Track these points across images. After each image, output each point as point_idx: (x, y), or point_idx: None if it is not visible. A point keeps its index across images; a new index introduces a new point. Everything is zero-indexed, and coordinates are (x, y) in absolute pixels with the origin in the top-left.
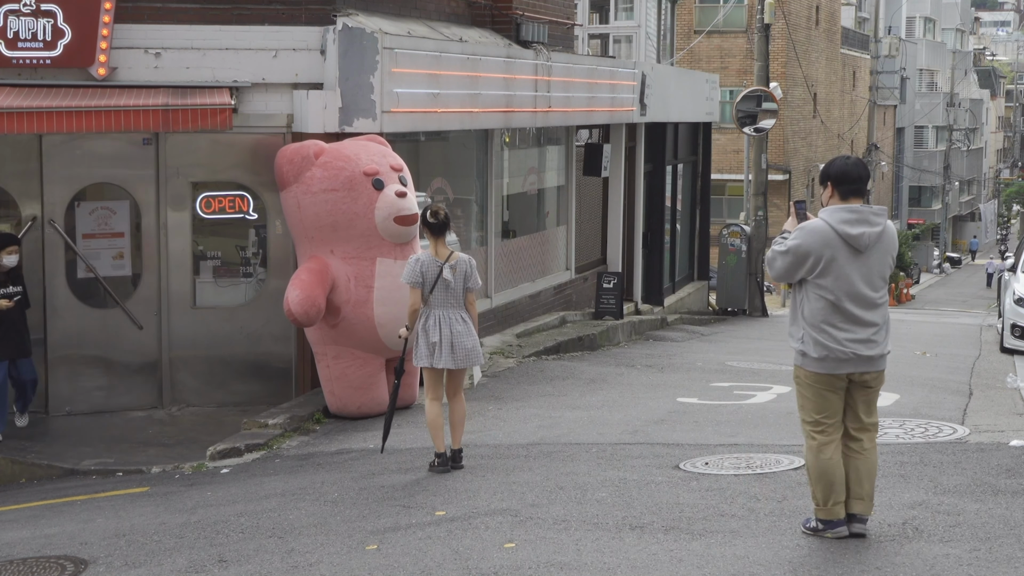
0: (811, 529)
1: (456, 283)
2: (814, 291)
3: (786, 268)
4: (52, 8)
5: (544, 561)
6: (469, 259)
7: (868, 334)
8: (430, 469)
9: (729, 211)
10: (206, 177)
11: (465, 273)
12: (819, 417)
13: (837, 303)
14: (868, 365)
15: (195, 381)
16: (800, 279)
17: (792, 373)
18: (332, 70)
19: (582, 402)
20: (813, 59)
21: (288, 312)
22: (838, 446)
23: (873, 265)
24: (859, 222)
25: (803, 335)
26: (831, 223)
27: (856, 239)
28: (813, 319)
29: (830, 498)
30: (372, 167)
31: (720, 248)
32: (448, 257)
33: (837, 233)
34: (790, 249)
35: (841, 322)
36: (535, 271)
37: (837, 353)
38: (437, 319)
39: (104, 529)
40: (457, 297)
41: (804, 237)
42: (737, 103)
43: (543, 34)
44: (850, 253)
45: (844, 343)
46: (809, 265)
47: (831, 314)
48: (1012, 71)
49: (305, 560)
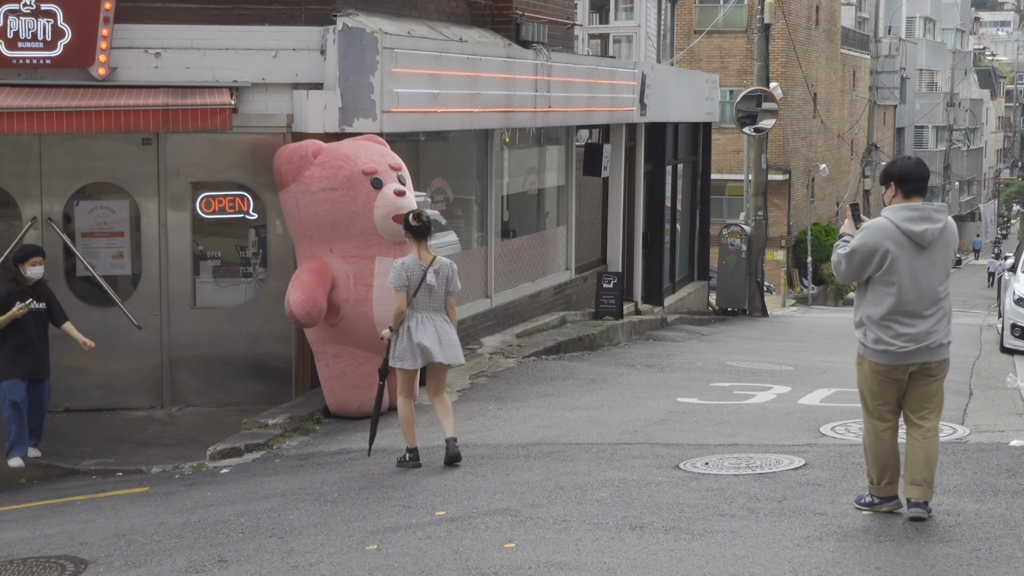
0: (866, 504)
1: (439, 287)
2: (879, 287)
3: (854, 268)
4: (52, 8)
5: (544, 561)
6: (451, 264)
7: (930, 326)
8: (399, 464)
9: (729, 211)
10: (206, 177)
11: (447, 277)
12: (878, 404)
13: (902, 298)
14: (931, 355)
15: (195, 381)
16: (867, 277)
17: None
18: (332, 70)
19: (582, 402)
20: (813, 59)
21: (289, 313)
22: (895, 431)
23: (936, 260)
24: (922, 219)
25: (866, 329)
26: (895, 221)
27: (920, 236)
28: (877, 314)
29: (884, 478)
30: (371, 166)
31: (720, 248)
32: (432, 262)
33: (901, 230)
34: (856, 249)
35: (905, 317)
36: (535, 271)
37: (900, 347)
38: (419, 321)
39: (104, 529)
40: (439, 301)
41: (869, 235)
42: (737, 103)
43: (543, 34)
44: (914, 249)
45: (906, 337)
46: (876, 262)
47: (895, 309)
48: (1012, 71)
49: (305, 560)
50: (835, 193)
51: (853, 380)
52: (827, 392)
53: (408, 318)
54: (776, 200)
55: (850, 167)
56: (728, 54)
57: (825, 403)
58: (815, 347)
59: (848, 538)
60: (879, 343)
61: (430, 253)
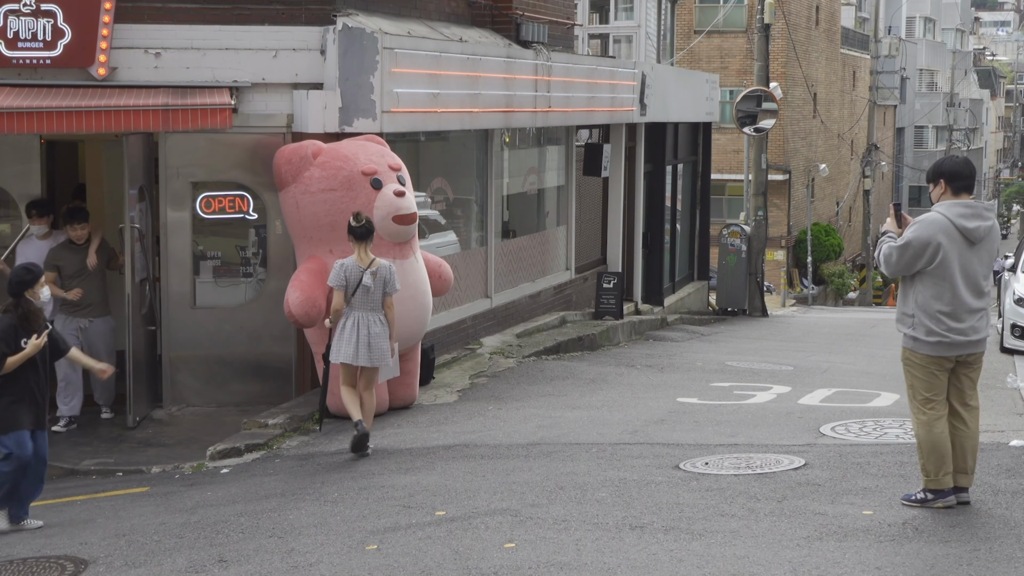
0: (918, 501)
1: (375, 288)
2: (930, 280)
3: (907, 261)
4: (52, 8)
5: (544, 561)
6: (389, 265)
7: (975, 320)
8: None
9: (729, 211)
10: (206, 177)
11: (384, 279)
12: (929, 395)
13: (953, 292)
14: (973, 348)
15: (195, 381)
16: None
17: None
18: (332, 70)
19: (582, 402)
20: (813, 59)
21: (289, 314)
22: (946, 421)
23: (983, 256)
24: (974, 216)
25: (915, 321)
26: (949, 216)
27: (972, 232)
28: (928, 307)
29: (941, 469)
30: (370, 166)
31: (720, 248)
32: (370, 264)
33: (955, 226)
34: (910, 242)
35: (954, 310)
36: (535, 271)
37: (948, 338)
38: (356, 320)
39: (104, 529)
40: (376, 301)
41: (923, 230)
42: (737, 103)
43: (543, 34)
44: (965, 245)
45: (955, 330)
46: (928, 256)
47: (945, 302)
48: (1012, 71)
49: (305, 560)
50: (835, 193)
51: (853, 380)
52: (827, 392)
53: (346, 316)
54: (776, 200)
55: (850, 167)
56: (728, 54)
57: (825, 403)
58: (815, 347)
59: (848, 538)
60: (931, 335)
61: (369, 255)
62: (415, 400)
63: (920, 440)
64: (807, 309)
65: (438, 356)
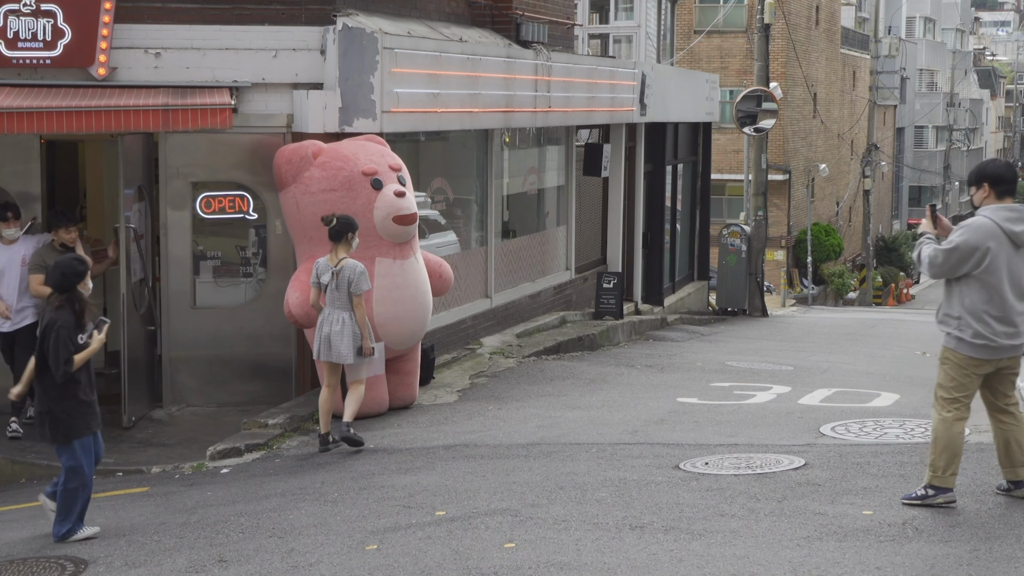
0: (918, 498)
1: (341, 287)
2: (977, 284)
3: (952, 264)
4: (52, 8)
5: (544, 561)
6: (355, 266)
7: (1019, 324)
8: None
9: (729, 211)
10: (206, 177)
11: (349, 279)
12: (958, 395)
13: (999, 294)
14: (1014, 351)
15: (195, 381)
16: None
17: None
18: (332, 70)
19: (582, 402)
20: (813, 59)
21: (288, 314)
22: (965, 424)
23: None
24: (1019, 220)
25: (961, 323)
26: (996, 220)
27: (1019, 236)
28: (975, 309)
29: (949, 468)
30: (370, 167)
31: (720, 248)
32: (338, 263)
33: (1003, 230)
34: (958, 246)
35: (1000, 312)
36: (535, 271)
37: (995, 342)
38: (325, 317)
39: (104, 529)
40: (343, 300)
41: (971, 233)
42: (737, 103)
43: (543, 34)
44: (1012, 248)
45: (1001, 333)
46: (975, 259)
47: (991, 305)
48: (1012, 71)
49: (305, 560)
50: (835, 193)
51: (852, 380)
52: (827, 392)
53: (321, 313)
54: (776, 200)
55: (850, 167)
56: (728, 54)
57: (825, 403)
58: (815, 347)
59: (848, 538)
60: (978, 337)
61: (339, 255)
62: (415, 400)
63: (937, 436)
64: (807, 309)
65: (438, 356)
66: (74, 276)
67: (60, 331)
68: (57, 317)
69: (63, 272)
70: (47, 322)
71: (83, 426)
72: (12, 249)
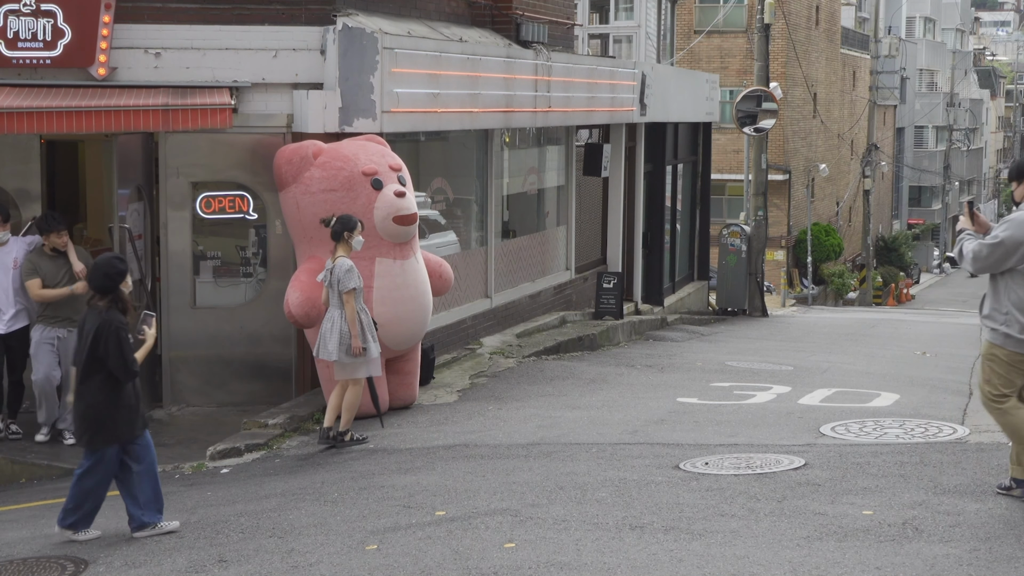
0: (1004, 488)
1: (333, 285)
2: (1022, 278)
3: (996, 258)
4: (52, 8)
5: (544, 561)
6: (343, 263)
7: None
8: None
9: (729, 211)
10: (206, 177)
11: (338, 278)
12: (1005, 391)
13: None
14: None
15: (195, 381)
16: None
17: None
18: (332, 70)
19: (582, 402)
20: (813, 59)
21: (288, 314)
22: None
23: None
24: None
25: (1009, 319)
26: None
27: None
28: (1022, 304)
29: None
30: (371, 167)
31: (720, 248)
32: (334, 262)
33: None
34: (1003, 241)
35: None
36: (535, 271)
37: None
38: (329, 314)
39: (104, 529)
40: (336, 298)
41: (1016, 228)
42: (737, 103)
43: (543, 34)
44: None
45: None
46: (1021, 253)
47: None
48: (1012, 71)
49: (305, 560)
50: (835, 193)
51: (852, 380)
52: (827, 392)
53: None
54: (776, 200)
55: (850, 167)
56: (728, 54)
57: (825, 403)
58: (815, 347)
59: (848, 538)
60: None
61: (335, 255)
62: (415, 400)
63: (1009, 430)
64: (807, 309)
65: (438, 356)
66: (117, 276)
67: (120, 331)
68: (111, 318)
69: (106, 272)
70: (100, 325)
71: (127, 430)
72: (3, 251)
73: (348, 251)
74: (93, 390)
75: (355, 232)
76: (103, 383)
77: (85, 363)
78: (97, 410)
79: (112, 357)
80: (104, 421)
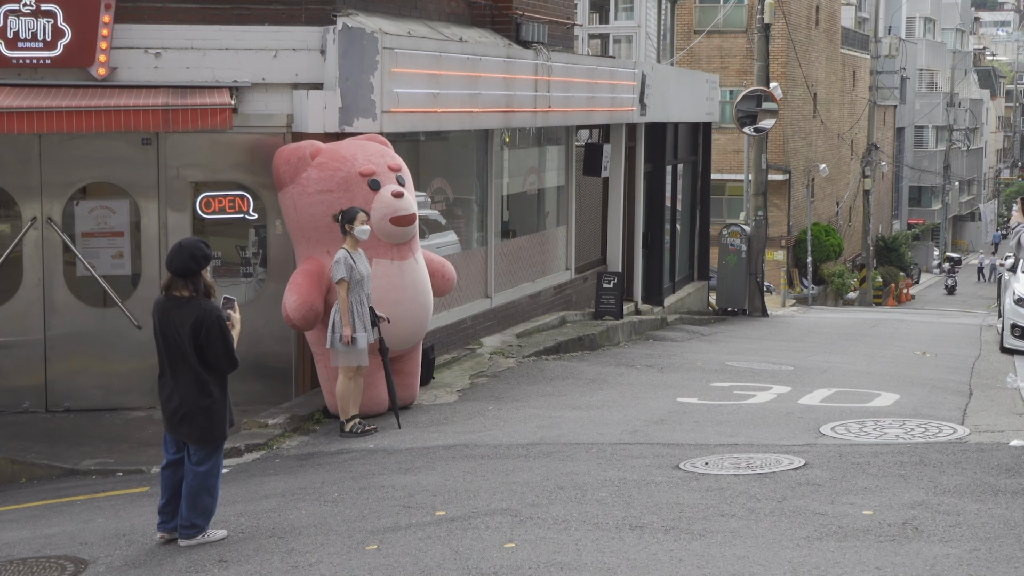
0: None
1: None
2: None
3: None
4: (52, 8)
5: (544, 561)
6: (336, 255)
7: None
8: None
9: (729, 211)
10: (206, 177)
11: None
12: None
13: None
14: None
15: None
16: None
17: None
18: (332, 70)
19: (582, 402)
20: (813, 59)
21: (286, 318)
22: None
23: None
24: None
25: None
26: None
27: None
28: None
29: None
30: (368, 167)
31: (720, 248)
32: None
33: None
34: None
35: None
36: (535, 271)
37: None
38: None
39: (104, 529)
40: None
41: None
42: (737, 103)
43: (543, 34)
44: None
45: None
46: None
47: None
48: (1012, 71)
49: (305, 560)
50: (835, 193)
51: (852, 380)
52: (827, 392)
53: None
54: (776, 200)
55: (850, 167)
56: (728, 54)
57: (825, 403)
58: (815, 347)
59: (848, 538)
60: None
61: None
62: (415, 400)
63: None
64: (807, 309)
65: (438, 356)
66: (203, 259)
67: (221, 321)
68: (211, 307)
69: (192, 254)
70: (200, 315)
71: (231, 420)
72: None
73: (355, 242)
74: (201, 383)
75: (356, 222)
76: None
77: (195, 355)
78: (210, 403)
79: (218, 347)
80: (220, 413)
